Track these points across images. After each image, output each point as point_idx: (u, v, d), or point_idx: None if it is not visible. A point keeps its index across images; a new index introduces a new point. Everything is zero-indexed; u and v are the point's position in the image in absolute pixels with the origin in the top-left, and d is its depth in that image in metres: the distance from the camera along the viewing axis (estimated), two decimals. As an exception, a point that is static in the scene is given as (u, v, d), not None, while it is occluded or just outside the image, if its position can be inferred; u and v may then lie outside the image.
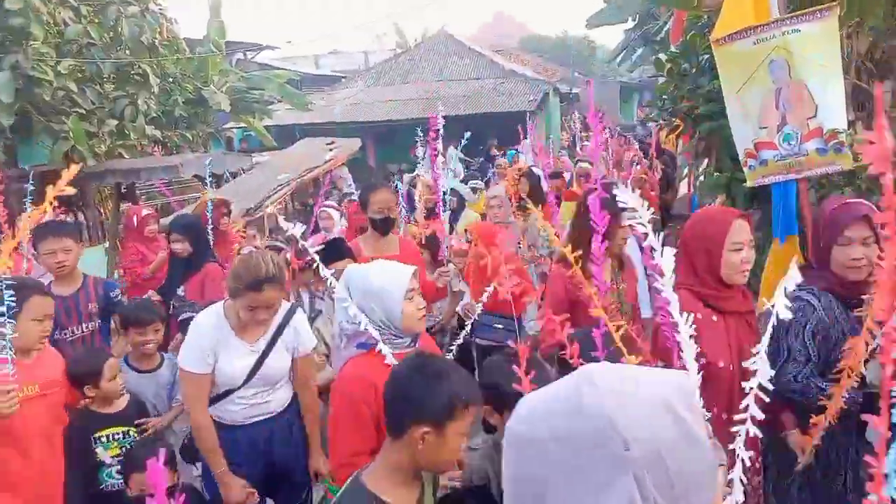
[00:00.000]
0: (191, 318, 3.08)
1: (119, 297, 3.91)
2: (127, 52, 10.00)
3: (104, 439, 3.11)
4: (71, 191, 2.08)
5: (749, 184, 3.81)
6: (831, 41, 3.34)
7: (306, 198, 8.57)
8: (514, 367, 1.59)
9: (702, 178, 6.25)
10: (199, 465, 3.31)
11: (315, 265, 3.03)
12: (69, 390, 3.02)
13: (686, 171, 6.41)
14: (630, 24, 15.03)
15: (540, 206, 5.05)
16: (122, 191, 9.94)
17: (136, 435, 3.18)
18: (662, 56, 6.54)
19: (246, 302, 2.74)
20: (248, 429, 2.95)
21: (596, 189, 2.42)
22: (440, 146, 6.47)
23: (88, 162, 8.92)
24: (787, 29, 3.43)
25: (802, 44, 3.39)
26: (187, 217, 5.30)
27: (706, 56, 5.49)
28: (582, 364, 0.97)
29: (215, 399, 2.93)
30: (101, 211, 11.54)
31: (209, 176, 5.65)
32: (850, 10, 4.51)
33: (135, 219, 5.57)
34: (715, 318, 2.60)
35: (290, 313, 3.03)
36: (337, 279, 2.51)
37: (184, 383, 2.92)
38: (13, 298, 2.36)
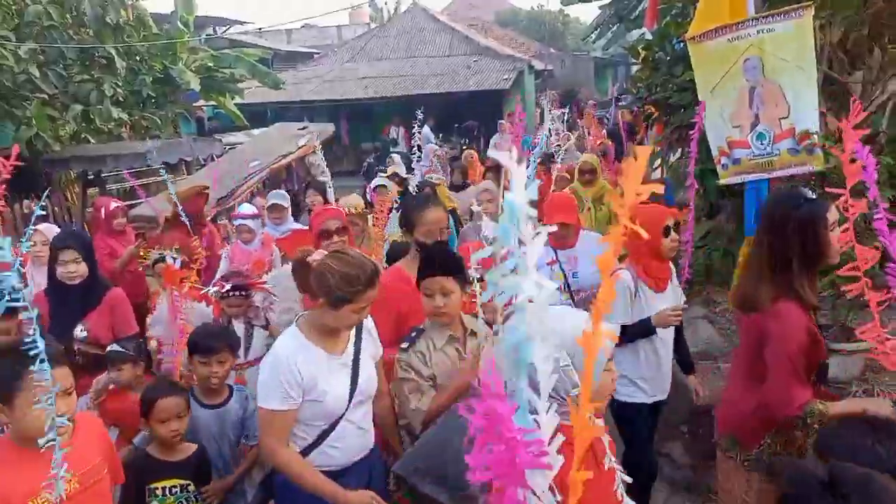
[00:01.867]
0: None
1: None
2: (90, 33, 9.69)
3: (159, 492, 2.72)
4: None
5: (722, 182, 3.83)
6: (805, 41, 3.34)
7: (279, 185, 8.45)
8: None
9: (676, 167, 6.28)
10: None
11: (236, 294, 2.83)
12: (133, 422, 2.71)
13: (658, 160, 6.43)
14: (605, 0, 14.97)
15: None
16: (89, 176, 9.72)
17: (195, 492, 2.78)
18: (637, 42, 6.51)
19: (362, 303, 2.40)
20: (351, 472, 2.53)
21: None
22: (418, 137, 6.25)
23: (53, 147, 8.70)
24: (762, 28, 3.42)
25: (777, 43, 3.39)
26: (76, 230, 4.87)
27: (680, 45, 5.48)
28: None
29: (317, 441, 2.49)
30: (68, 196, 11.29)
31: (158, 163, 5.24)
32: (824, 1, 4.52)
33: (102, 211, 5.42)
34: None
35: None
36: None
37: (268, 426, 2.44)
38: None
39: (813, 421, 2.18)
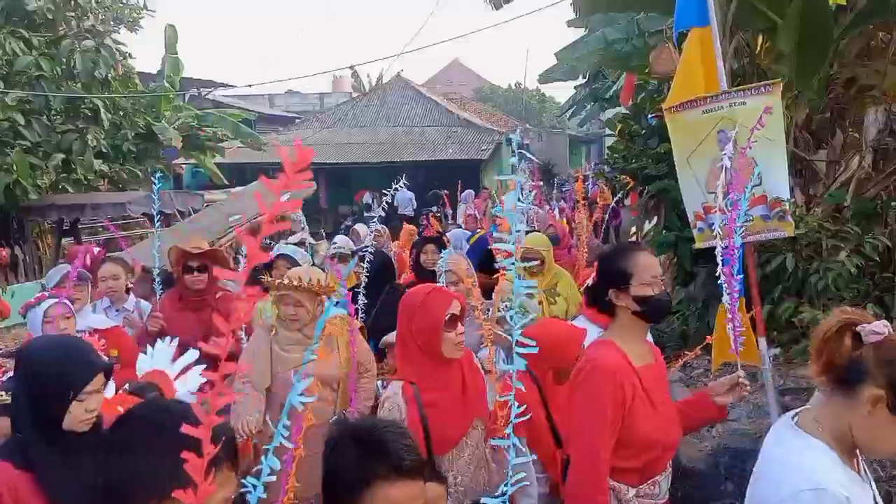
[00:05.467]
0: None
1: None
2: (79, 85, 9.83)
3: None
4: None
5: (697, 245, 3.96)
6: (775, 114, 3.55)
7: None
8: None
9: (651, 234, 6.46)
10: None
11: None
12: None
13: (633, 228, 6.62)
14: (580, 80, 15.65)
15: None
16: (65, 227, 9.65)
17: None
18: (613, 116, 6.81)
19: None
20: None
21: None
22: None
23: (30, 196, 8.66)
24: (734, 101, 3.63)
25: (748, 116, 3.59)
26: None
27: (654, 119, 5.75)
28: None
29: None
30: (40, 245, 11.15)
31: (157, 213, 4.56)
32: (789, 83, 4.83)
33: (87, 257, 5.15)
34: None
35: None
36: None
37: None
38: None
39: None
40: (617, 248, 2.58)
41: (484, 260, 4.57)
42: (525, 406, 1.47)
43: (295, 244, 5.85)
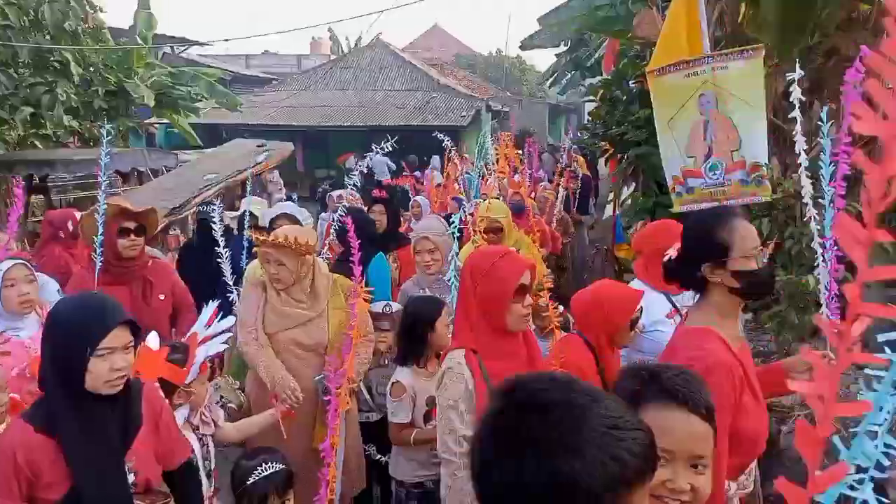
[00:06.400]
0: None
1: None
2: (47, 37, 9.50)
3: None
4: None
5: (675, 209, 4.00)
6: (756, 79, 3.58)
7: (234, 200, 8.36)
8: None
9: (628, 202, 6.50)
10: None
11: None
12: None
13: (611, 195, 6.65)
14: (562, 48, 15.54)
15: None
16: (34, 183, 9.41)
17: None
18: (595, 82, 6.79)
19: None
20: None
21: None
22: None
23: (-2, 150, 8.43)
24: (717, 65, 3.65)
25: (729, 81, 3.61)
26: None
27: (637, 84, 5.74)
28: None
29: None
30: (8, 202, 10.88)
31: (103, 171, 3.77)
32: (769, 52, 4.84)
33: (70, 224, 4.97)
34: None
35: None
36: None
37: None
38: None
39: None
40: (710, 216, 2.19)
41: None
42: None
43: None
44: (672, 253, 2.07)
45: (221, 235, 4.19)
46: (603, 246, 6.79)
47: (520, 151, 14.20)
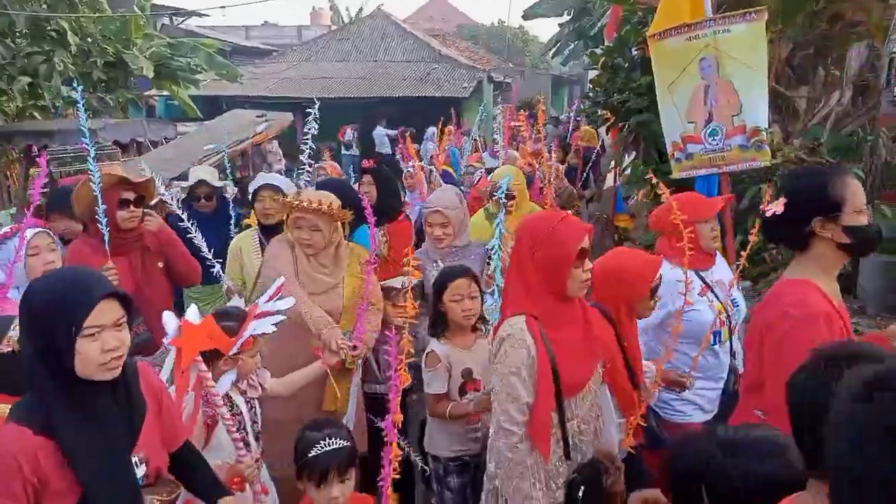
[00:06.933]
0: None
1: None
2: (44, 6, 9.40)
3: None
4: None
5: (674, 175, 3.98)
6: (758, 43, 3.52)
7: (235, 170, 8.32)
8: None
9: (628, 171, 6.46)
10: None
11: None
12: None
13: (612, 164, 6.60)
14: (565, 18, 15.35)
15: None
16: (33, 154, 9.37)
17: None
18: (597, 50, 6.70)
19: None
20: None
21: None
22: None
23: (-4, 121, 8.39)
24: (718, 29, 3.59)
25: (731, 44, 3.56)
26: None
27: (639, 52, 5.67)
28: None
29: None
30: (8, 174, 10.86)
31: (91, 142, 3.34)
32: (773, 18, 4.77)
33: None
34: None
35: None
36: None
37: None
38: None
39: None
40: (820, 172, 2.13)
41: None
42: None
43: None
44: (777, 208, 2.03)
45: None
46: (602, 215, 6.76)
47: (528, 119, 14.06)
